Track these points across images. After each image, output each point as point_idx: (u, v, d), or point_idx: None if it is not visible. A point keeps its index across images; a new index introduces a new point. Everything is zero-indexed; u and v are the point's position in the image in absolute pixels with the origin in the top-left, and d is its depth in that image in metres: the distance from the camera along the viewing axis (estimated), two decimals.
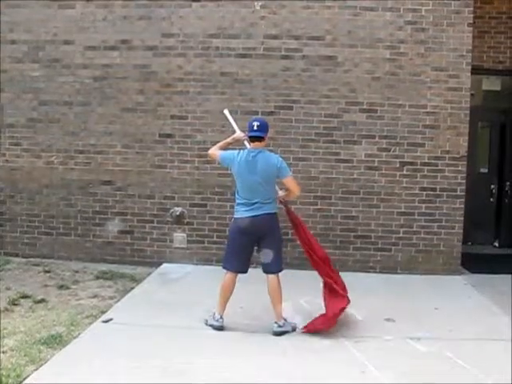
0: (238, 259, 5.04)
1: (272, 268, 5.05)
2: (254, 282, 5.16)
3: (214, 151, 5.27)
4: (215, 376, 4.07)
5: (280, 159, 5.05)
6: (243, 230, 4.98)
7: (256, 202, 4.94)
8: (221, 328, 5.04)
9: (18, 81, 7.67)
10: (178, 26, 7.40)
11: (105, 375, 4.02)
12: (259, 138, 5.01)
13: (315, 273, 5.20)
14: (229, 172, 7.17)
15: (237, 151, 5.10)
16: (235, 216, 5.10)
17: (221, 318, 5.07)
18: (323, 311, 5.05)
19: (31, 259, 7.53)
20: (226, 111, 5.66)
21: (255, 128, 4.98)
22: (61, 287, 6.35)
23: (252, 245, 5.08)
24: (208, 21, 7.37)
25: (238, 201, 5.07)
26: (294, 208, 7.21)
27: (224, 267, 5.15)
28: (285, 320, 5.04)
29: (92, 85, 7.56)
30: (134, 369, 4.15)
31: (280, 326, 4.97)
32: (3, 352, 4.42)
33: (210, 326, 5.08)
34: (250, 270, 5.13)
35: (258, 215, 4.95)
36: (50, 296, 6.01)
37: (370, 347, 4.68)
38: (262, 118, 5.43)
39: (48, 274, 6.91)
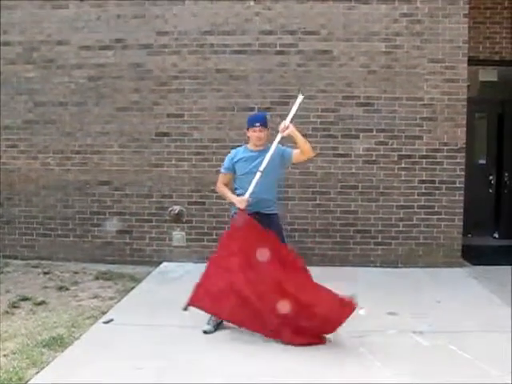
0: None
1: None
2: None
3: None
4: (219, 374, 4.05)
5: None
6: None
7: None
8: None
9: (12, 82, 7.63)
10: (172, 23, 7.36)
11: (106, 376, 3.99)
12: None
13: None
14: None
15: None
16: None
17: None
18: None
19: (30, 261, 7.50)
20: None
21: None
22: (60, 289, 6.32)
23: None
24: (202, 18, 7.33)
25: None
26: (292, 204, 7.29)
27: None
28: None
29: (87, 85, 7.53)
30: (135, 369, 4.12)
31: None
32: (4, 355, 4.39)
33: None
34: None
35: None
36: (50, 298, 5.98)
37: (374, 342, 4.65)
38: (263, 114, 5.30)
39: (47, 276, 6.88)
